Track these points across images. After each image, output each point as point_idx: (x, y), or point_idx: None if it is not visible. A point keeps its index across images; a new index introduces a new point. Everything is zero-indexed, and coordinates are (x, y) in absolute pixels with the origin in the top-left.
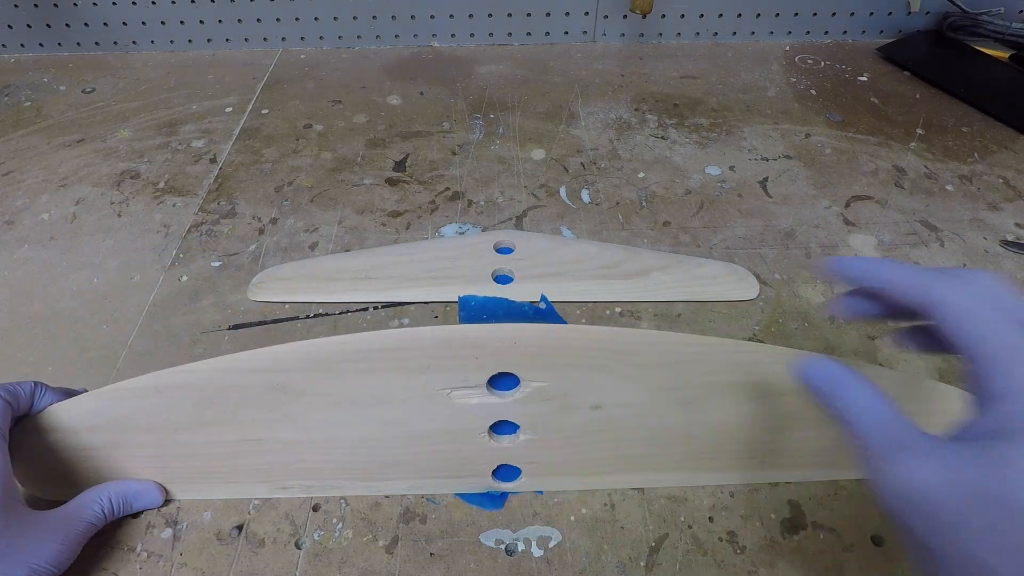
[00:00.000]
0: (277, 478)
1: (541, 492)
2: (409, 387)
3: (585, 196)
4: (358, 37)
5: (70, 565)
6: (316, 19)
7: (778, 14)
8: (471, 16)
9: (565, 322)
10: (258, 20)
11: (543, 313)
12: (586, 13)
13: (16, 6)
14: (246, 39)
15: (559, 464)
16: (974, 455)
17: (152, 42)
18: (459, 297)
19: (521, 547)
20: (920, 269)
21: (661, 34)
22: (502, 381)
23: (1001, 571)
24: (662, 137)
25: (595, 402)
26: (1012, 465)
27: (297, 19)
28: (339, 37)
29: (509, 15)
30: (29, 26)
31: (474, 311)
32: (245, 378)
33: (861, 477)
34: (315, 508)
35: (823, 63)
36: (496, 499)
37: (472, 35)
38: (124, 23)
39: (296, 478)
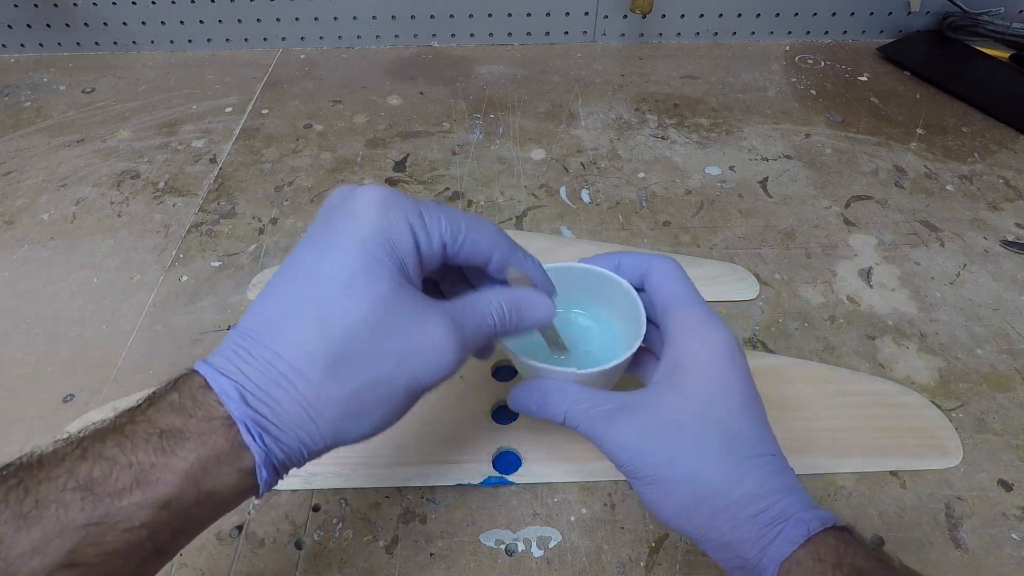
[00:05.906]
0: None
1: (542, 483)
2: None
3: (585, 196)
4: (358, 37)
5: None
6: (316, 19)
7: (778, 14)
8: (471, 16)
9: None
10: (258, 20)
11: None
12: (586, 13)
13: (16, 6)
14: (246, 39)
15: (554, 445)
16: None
17: (152, 42)
18: None
19: (521, 547)
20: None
21: (661, 34)
22: (501, 372)
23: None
24: (662, 137)
25: None
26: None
27: (297, 19)
28: (339, 37)
29: (509, 15)
30: (29, 26)
31: None
32: None
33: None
34: (315, 508)
35: (823, 63)
36: (499, 480)
37: (472, 35)
38: (124, 23)
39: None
